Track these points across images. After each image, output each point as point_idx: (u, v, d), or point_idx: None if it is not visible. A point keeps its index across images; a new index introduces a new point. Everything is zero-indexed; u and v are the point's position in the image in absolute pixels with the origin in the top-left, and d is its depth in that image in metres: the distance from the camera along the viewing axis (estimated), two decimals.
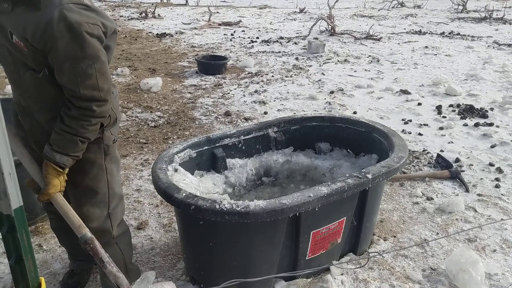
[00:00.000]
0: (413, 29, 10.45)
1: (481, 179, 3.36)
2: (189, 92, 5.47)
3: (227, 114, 4.63)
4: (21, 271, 0.81)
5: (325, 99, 5.24)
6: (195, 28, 10.48)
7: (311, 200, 1.85)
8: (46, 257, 2.49)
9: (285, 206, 1.79)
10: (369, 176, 2.02)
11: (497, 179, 3.33)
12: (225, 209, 1.76)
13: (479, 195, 3.13)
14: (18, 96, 1.67)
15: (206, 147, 2.45)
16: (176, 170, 2.24)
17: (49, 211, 2.05)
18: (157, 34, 9.63)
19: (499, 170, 3.47)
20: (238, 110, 4.81)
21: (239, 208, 1.76)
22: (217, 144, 2.49)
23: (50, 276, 2.34)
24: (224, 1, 17.49)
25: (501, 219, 2.83)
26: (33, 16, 1.41)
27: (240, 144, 2.58)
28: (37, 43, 1.42)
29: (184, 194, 1.85)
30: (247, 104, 5.02)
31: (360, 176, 2.02)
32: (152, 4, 14.44)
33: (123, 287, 1.47)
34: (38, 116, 1.65)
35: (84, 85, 1.49)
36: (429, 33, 9.94)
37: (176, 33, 9.80)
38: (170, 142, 3.89)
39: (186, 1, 16.21)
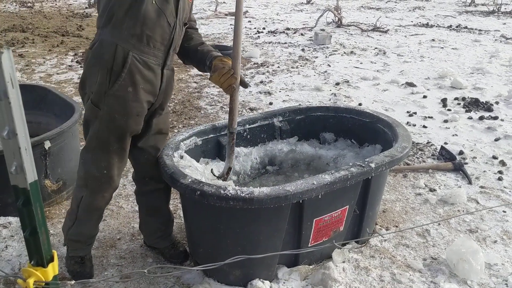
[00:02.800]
0: (420, 22, 10.39)
1: (484, 171, 3.38)
2: (194, 82, 5.50)
3: None
4: (35, 243, 0.85)
5: (330, 90, 5.25)
6: (201, 18, 10.47)
7: (314, 187, 1.88)
8: (53, 241, 2.55)
9: (289, 193, 1.83)
10: (372, 165, 2.05)
11: (500, 172, 3.35)
12: (230, 195, 1.80)
13: (481, 187, 3.16)
14: (169, 58, 1.93)
15: (211, 135, 2.49)
16: (181, 157, 2.27)
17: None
18: None
19: (502, 163, 3.49)
20: (243, 101, 4.83)
21: (243, 194, 1.80)
22: (223, 133, 2.52)
23: (58, 259, 2.40)
24: None
25: (503, 211, 2.86)
26: None
27: (245, 133, 2.62)
28: None
29: (190, 180, 1.89)
30: (252, 95, 5.04)
31: (363, 165, 2.05)
32: None
33: None
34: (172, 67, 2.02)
35: None
36: (436, 26, 9.88)
37: None
38: (176, 130, 3.93)
39: None
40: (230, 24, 9.73)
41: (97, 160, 1.94)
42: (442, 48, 7.67)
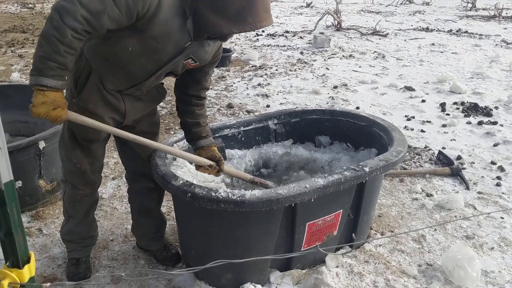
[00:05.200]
0: (420, 26, 10.37)
1: (482, 177, 3.35)
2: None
3: (230, 106, 4.63)
4: (11, 244, 0.82)
5: (328, 93, 5.23)
6: None
7: (307, 191, 1.85)
8: (46, 241, 2.53)
9: (281, 196, 1.80)
10: (366, 169, 2.02)
11: (498, 178, 3.32)
12: (221, 197, 1.77)
13: (479, 192, 3.12)
14: (135, 90, 1.87)
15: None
16: (174, 159, 2.25)
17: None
18: None
19: (501, 169, 3.45)
20: (240, 103, 4.81)
21: (234, 197, 1.77)
22: (217, 135, 2.50)
23: (49, 260, 2.37)
24: None
25: (501, 217, 2.82)
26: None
27: (240, 135, 2.59)
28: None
29: (181, 182, 1.87)
30: (250, 97, 5.02)
31: (357, 169, 2.02)
32: None
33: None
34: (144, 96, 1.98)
35: None
36: (436, 30, 9.86)
37: None
38: (172, 132, 3.91)
39: None
40: None
41: (69, 156, 1.96)
42: (442, 52, 7.65)
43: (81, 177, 2.02)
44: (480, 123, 4.38)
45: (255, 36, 8.65)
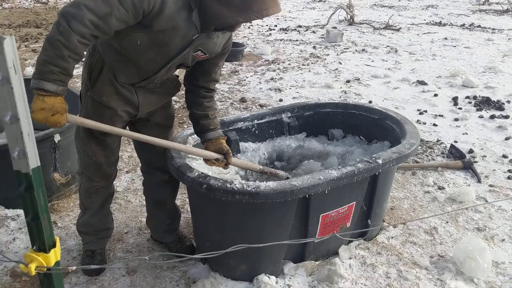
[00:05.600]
0: (433, 20, 10.27)
1: (494, 170, 3.35)
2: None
3: (243, 100, 4.67)
4: (37, 228, 0.86)
5: (341, 88, 5.24)
6: None
7: (321, 182, 1.89)
8: (61, 234, 2.58)
9: (295, 188, 1.83)
10: (380, 161, 2.05)
11: (509, 171, 3.32)
12: (236, 189, 1.81)
13: (490, 185, 3.13)
14: (147, 83, 1.90)
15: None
16: None
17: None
18: None
19: None
20: (253, 97, 4.85)
21: (249, 188, 1.81)
22: (231, 128, 2.54)
23: (64, 252, 2.41)
24: None
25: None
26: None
27: (254, 128, 2.63)
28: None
29: (196, 174, 1.91)
30: (262, 91, 5.05)
31: (370, 161, 2.05)
32: None
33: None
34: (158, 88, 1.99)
35: None
36: (449, 25, 9.76)
37: None
38: (185, 126, 3.96)
39: None
40: None
41: (85, 149, 2.01)
42: (455, 46, 7.59)
43: (97, 169, 2.06)
44: (492, 117, 4.36)
45: (267, 31, 8.66)
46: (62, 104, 1.58)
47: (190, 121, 2.17)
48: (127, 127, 2.13)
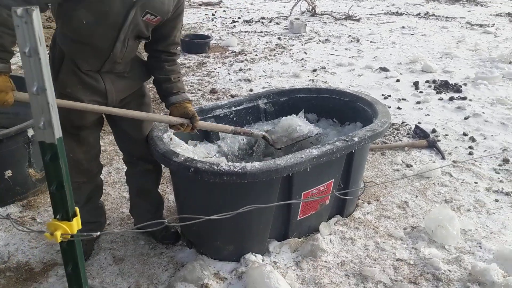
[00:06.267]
0: (390, 10, 10.64)
1: (456, 147, 3.58)
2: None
3: (213, 91, 4.71)
4: (62, 197, 0.89)
5: (308, 76, 5.37)
6: None
7: (303, 161, 1.98)
8: (42, 228, 2.55)
9: (279, 167, 1.92)
10: (356, 139, 2.17)
11: (470, 147, 3.55)
12: (223, 170, 1.87)
13: (454, 161, 3.34)
14: (111, 65, 1.85)
15: (199, 118, 2.54)
16: (171, 139, 2.32)
17: None
18: None
19: (472, 139, 3.69)
20: (223, 88, 4.89)
21: (236, 169, 1.88)
22: (209, 115, 2.58)
23: (48, 246, 2.39)
24: None
25: (474, 182, 3.05)
26: None
27: (232, 115, 2.68)
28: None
29: (182, 158, 1.95)
30: (232, 82, 5.10)
31: (347, 139, 2.17)
32: None
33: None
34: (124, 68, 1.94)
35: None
36: (405, 14, 10.15)
37: None
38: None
39: None
40: (205, 14, 9.70)
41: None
42: (412, 34, 7.92)
43: (75, 166, 2.01)
44: (451, 98, 4.63)
45: (231, 23, 8.68)
46: (6, 82, 1.56)
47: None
48: (105, 120, 2.12)
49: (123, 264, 2.26)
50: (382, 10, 10.77)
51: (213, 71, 5.50)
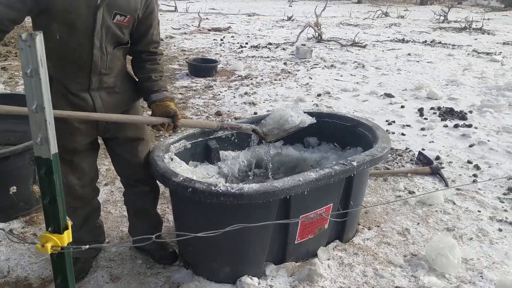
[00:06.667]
0: (396, 38, 10.77)
1: (460, 175, 3.55)
2: (180, 93, 5.59)
3: (218, 114, 4.76)
4: (54, 211, 0.92)
5: (312, 101, 5.42)
6: (185, 33, 10.62)
7: (300, 184, 1.98)
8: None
9: (277, 189, 1.92)
10: (354, 163, 2.17)
11: (474, 175, 3.52)
12: (220, 191, 1.88)
13: (457, 189, 3.31)
14: (97, 79, 1.86)
15: (200, 139, 2.57)
16: (172, 159, 2.34)
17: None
18: None
19: (477, 167, 3.67)
20: (228, 110, 4.94)
21: (233, 190, 1.89)
22: (211, 136, 2.61)
23: (47, 262, 2.40)
24: (213, 9, 17.69)
25: (478, 210, 3.01)
26: None
27: (233, 137, 2.71)
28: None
29: (181, 178, 1.97)
30: (237, 105, 5.15)
31: (346, 163, 2.17)
32: None
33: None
34: (114, 82, 1.95)
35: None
36: (412, 41, 10.26)
37: (166, 38, 9.92)
38: (161, 139, 3.99)
39: (175, 7, 16.35)
40: (214, 39, 9.90)
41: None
42: (418, 61, 7.99)
43: (70, 191, 2.01)
44: (456, 126, 4.63)
45: (239, 48, 8.84)
46: None
47: (174, 133, 2.19)
48: (107, 148, 2.14)
49: (120, 283, 2.25)
50: (388, 37, 10.91)
51: (219, 94, 5.58)
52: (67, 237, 0.96)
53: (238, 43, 9.45)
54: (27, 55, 0.81)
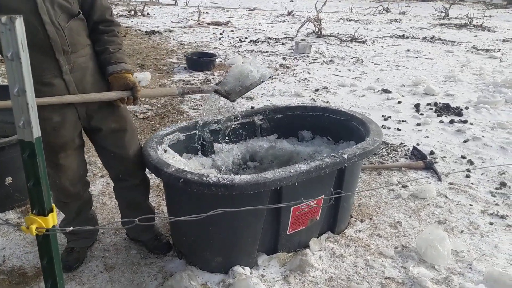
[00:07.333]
0: (396, 34, 10.76)
1: (453, 169, 3.58)
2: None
3: None
4: (38, 194, 0.94)
5: (310, 96, 5.44)
6: (184, 27, 10.61)
7: (291, 175, 2.01)
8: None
9: (268, 180, 1.95)
10: (345, 156, 2.20)
11: (468, 170, 3.55)
12: (212, 182, 1.91)
13: (450, 183, 3.34)
14: (63, 61, 1.81)
15: (194, 131, 2.60)
16: (165, 151, 2.37)
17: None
18: (146, 31, 9.74)
19: (470, 162, 3.70)
20: (226, 104, 4.95)
21: (225, 181, 1.92)
22: (205, 129, 2.64)
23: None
24: (213, 3, 17.65)
25: (470, 204, 3.04)
26: None
27: (227, 130, 2.73)
28: None
29: (173, 169, 2.00)
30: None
31: (336, 156, 2.20)
32: (141, 3, 14.52)
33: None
34: (85, 63, 1.91)
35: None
36: (411, 38, 10.25)
37: (165, 31, 9.93)
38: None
39: (175, 1, 16.32)
40: (213, 33, 9.90)
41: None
42: (417, 58, 7.99)
43: (61, 190, 2.07)
44: (451, 121, 4.65)
45: (238, 42, 8.85)
46: None
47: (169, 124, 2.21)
48: (93, 142, 2.15)
49: (114, 272, 2.29)
50: (388, 33, 10.90)
51: None
52: (51, 219, 0.99)
53: (237, 37, 9.45)
54: (7, 38, 0.82)
